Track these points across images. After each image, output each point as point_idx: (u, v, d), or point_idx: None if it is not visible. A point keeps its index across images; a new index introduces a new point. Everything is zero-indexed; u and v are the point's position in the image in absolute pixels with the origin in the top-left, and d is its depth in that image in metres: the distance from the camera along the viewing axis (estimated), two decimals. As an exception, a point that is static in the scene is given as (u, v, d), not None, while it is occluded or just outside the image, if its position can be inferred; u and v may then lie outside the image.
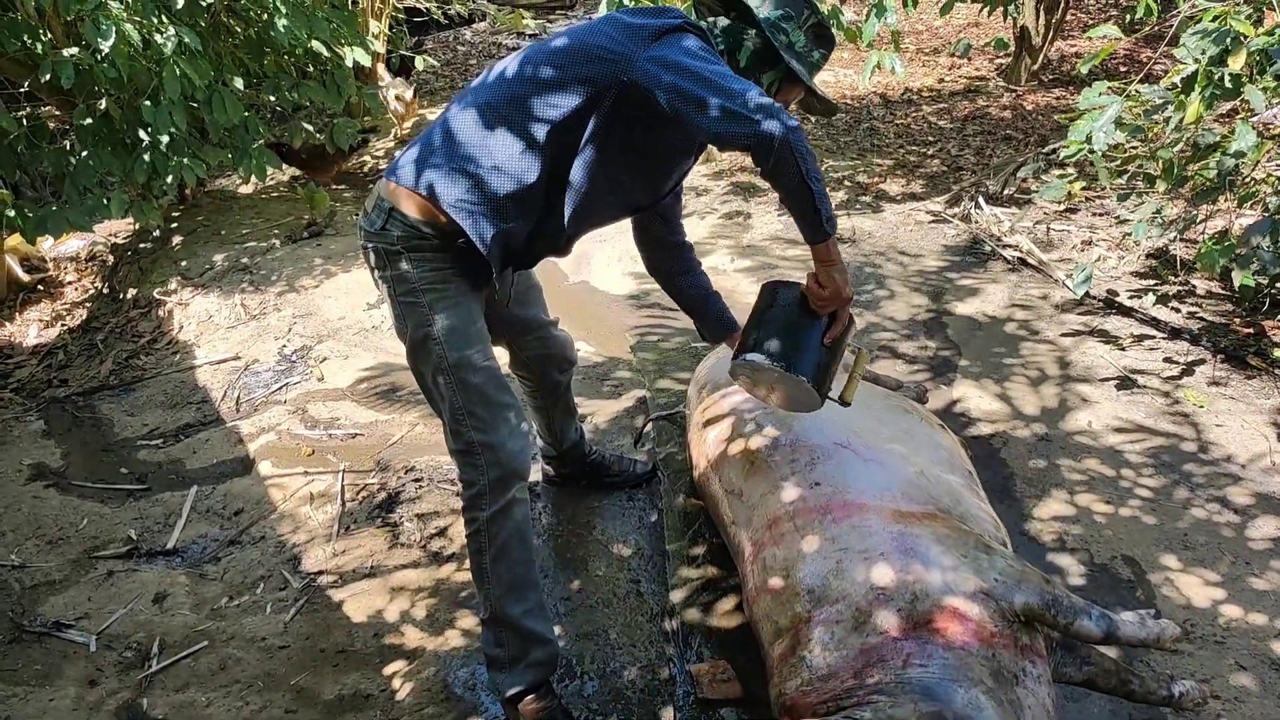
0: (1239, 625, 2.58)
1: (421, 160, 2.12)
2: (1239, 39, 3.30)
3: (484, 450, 2.19)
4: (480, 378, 2.18)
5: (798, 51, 2.15)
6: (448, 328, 2.15)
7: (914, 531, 2.04)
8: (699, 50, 1.96)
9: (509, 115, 2.05)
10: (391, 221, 2.12)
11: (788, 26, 2.13)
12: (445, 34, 10.93)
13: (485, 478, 2.21)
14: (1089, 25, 9.78)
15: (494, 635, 2.31)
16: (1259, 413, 3.48)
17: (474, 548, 2.27)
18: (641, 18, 2.02)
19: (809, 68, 2.18)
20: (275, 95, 4.84)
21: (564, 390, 2.88)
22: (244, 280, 4.68)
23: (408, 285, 2.14)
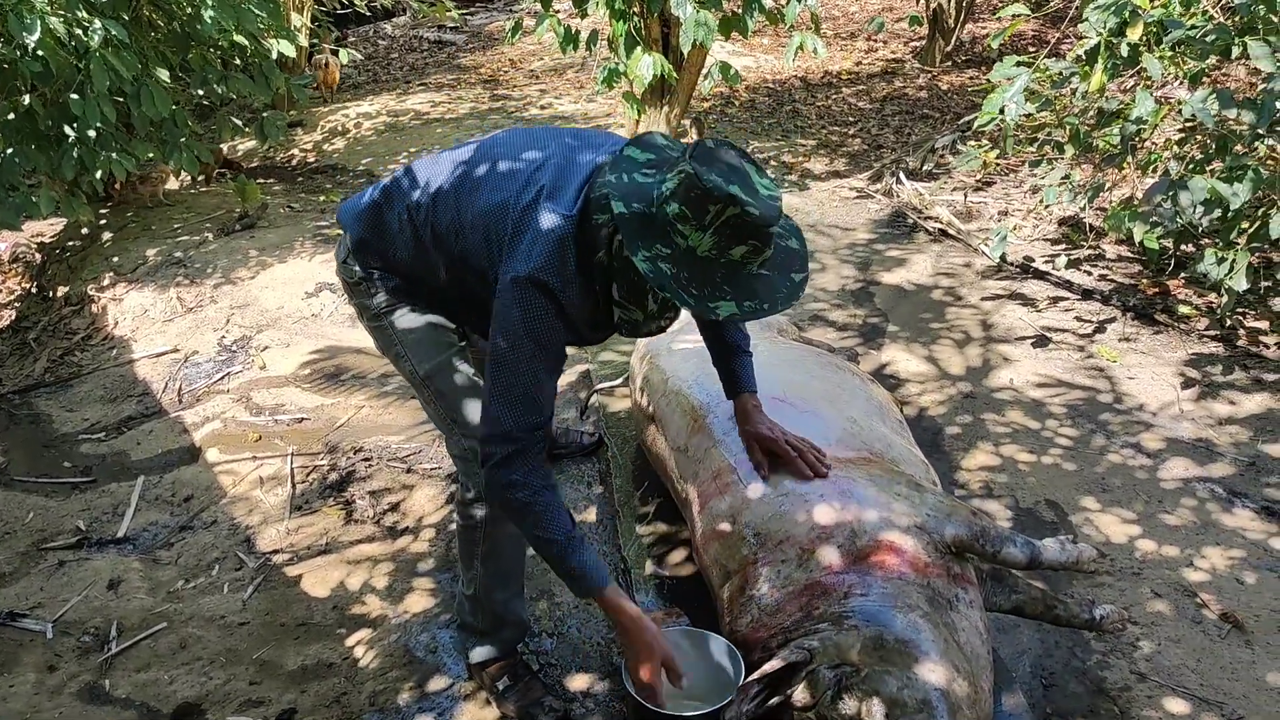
0: (1153, 557, 2.76)
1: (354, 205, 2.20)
2: (1137, 11, 3.49)
3: (475, 455, 2.08)
4: (457, 384, 2.16)
5: (702, 257, 1.73)
6: (412, 342, 2.17)
7: (850, 475, 2.17)
8: (530, 322, 1.84)
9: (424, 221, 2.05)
10: (350, 257, 2.18)
11: (684, 229, 1.72)
12: (366, 28, 10.89)
13: (481, 480, 2.10)
14: (998, 8, 10.08)
15: (470, 607, 2.37)
16: (1167, 365, 3.69)
17: (466, 539, 2.29)
18: (525, 235, 1.86)
19: (725, 272, 1.75)
20: (203, 88, 4.82)
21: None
22: (178, 274, 4.67)
23: (371, 312, 2.19)
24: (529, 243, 1.83)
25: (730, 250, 1.73)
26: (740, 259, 1.74)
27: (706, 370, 2.58)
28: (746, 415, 2.32)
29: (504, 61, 9.29)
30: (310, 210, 5.46)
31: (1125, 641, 2.47)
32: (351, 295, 2.24)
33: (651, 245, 1.73)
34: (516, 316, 1.83)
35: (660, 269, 1.72)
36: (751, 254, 1.74)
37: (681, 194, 1.71)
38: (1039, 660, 2.43)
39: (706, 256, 1.73)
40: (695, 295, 1.73)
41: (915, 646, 1.88)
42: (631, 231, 1.74)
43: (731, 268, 1.75)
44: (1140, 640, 2.48)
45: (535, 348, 1.85)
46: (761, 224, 1.70)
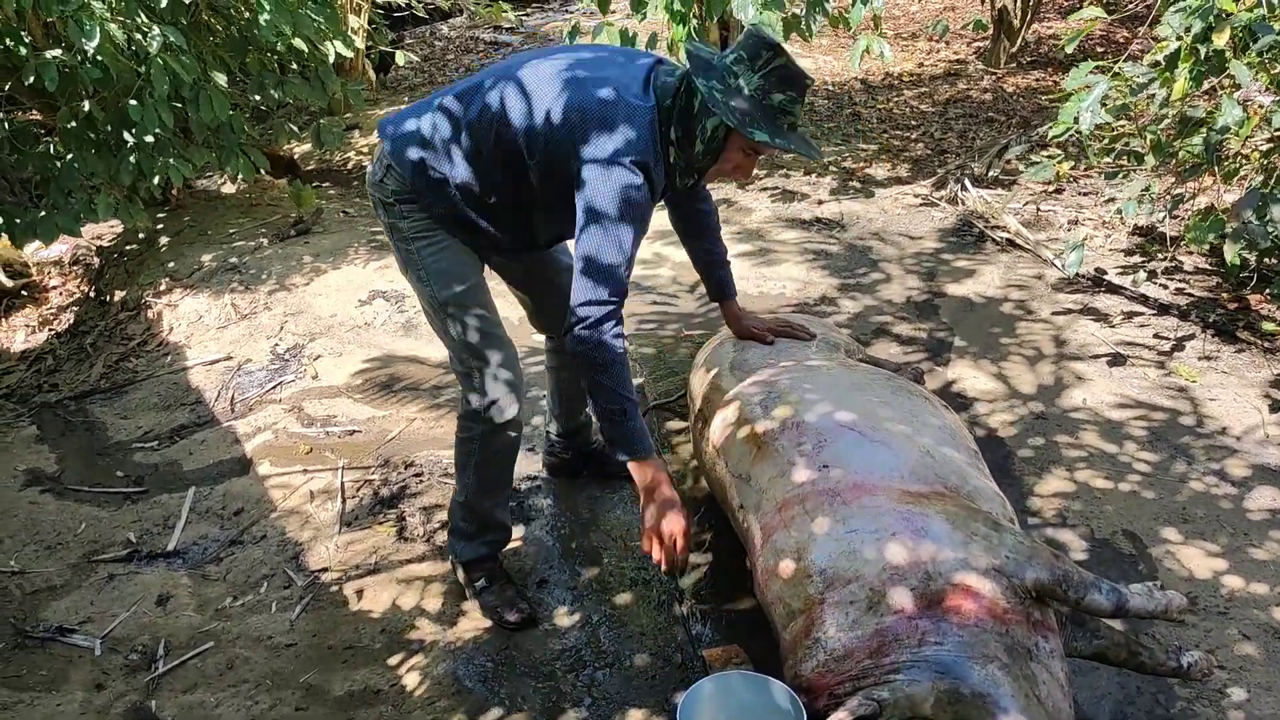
0: (1241, 595, 2.60)
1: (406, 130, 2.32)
2: (1222, 15, 3.32)
3: (480, 376, 2.43)
4: (471, 316, 2.39)
5: (748, 96, 2.09)
6: (437, 270, 2.36)
7: (924, 511, 2.05)
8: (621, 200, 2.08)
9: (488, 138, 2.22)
10: (389, 175, 2.33)
11: (738, 70, 2.10)
12: (423, 29, 10.89)
13: (480, 400, 2.45)
14: (1064, 7, 9.82)
15: (462, 513, 2.66)
16: (1250, 385, 3.51)
17: (462, 449, 2.57)
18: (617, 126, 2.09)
19: (763, 113, 2.10)
20: (260, 93, 4.80)
21: None
22: (233, 280, 4.66)
23: (400, 234, 2.37)
24: (623, 128, 2.08)
25: (771, 94, 2.10)
26: (778, 105, 2.11)
27: (773, 393, 2.48)
28: (735, 318, 2.80)
29: (560, 62, 9.22)
30: (365, 216, 5.42)
31: (1212, 688, 2.33)
32: (384, 213, 2.39)
33: (709, 78, 2.10)
34: (614, 192, 2.07)
35: (713, 94, 2.07)
36: (787, 104, 2.12)
37: (740, 44, 2.13)
38: (1119, 707, 2.30)
39: (752, 95, 2.09)
40: (737, 118, 2.07)
41: (993, 701, 1.77)
42: (698, 67, 2.10)
43: (769, 112, 2.11)
44: (1228, 686, 2.34)
45: (632, 219, 2.10)
46: (798, 76, 2.11)
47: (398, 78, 8.77)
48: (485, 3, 7.95)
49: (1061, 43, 3.93)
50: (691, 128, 2.16)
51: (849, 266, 4.54)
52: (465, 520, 2.67)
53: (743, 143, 2.18)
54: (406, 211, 2.34)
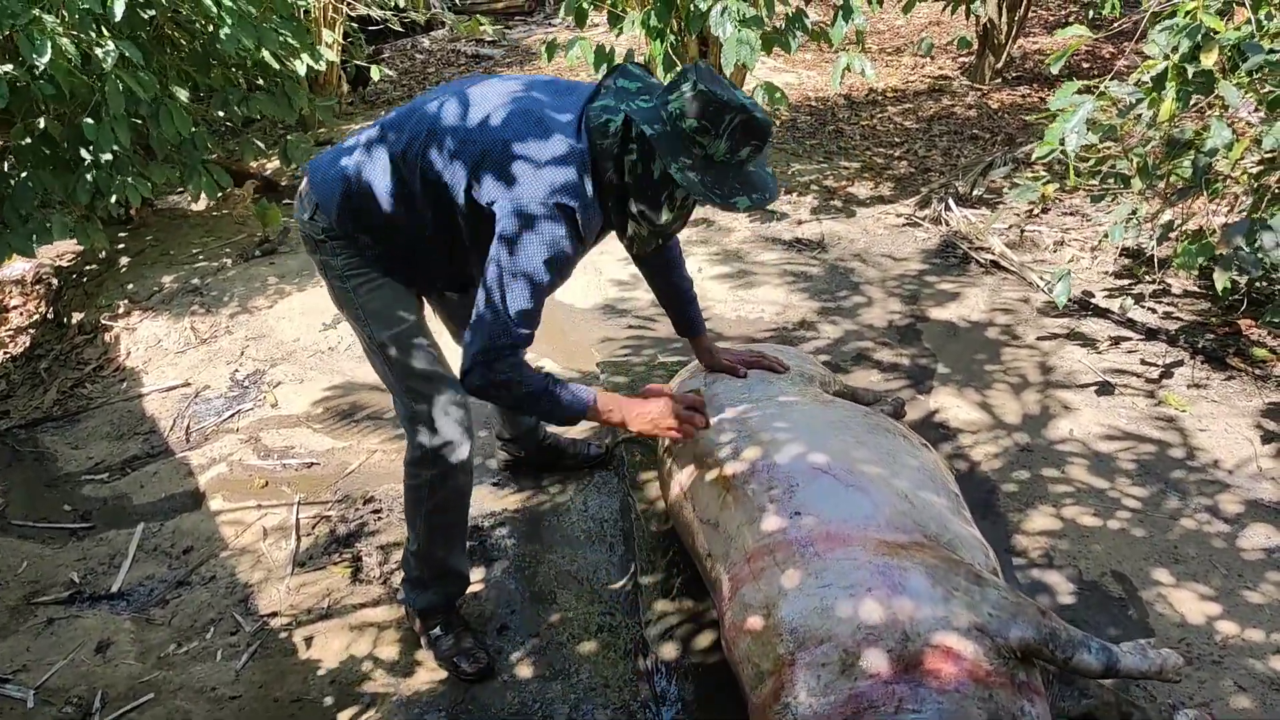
0: (1236, 643, 2.48)
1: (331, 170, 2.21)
2: (1210, 35, 3.22)
3: (424, 419, 2.30)
4: (411, 354, 2.29)
5: (719, 162, 1.96)
6: (373, 310, 2.27)
7: (901, 564, 1.92)
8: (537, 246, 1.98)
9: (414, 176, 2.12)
10: (318, 214, 2.23)
11: (703, 140, 1.94)
12: (403, 42, 10.75)
13: (429, 444, 2.32)
14: (1049, 22, 9.76)
15: (415, 562, 2.52)
16: (1242, 415, 3.40)
17: (411, 496, 2.43)
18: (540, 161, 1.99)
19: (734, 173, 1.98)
20: (224, 109, 4.66)
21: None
22: (194, 302, 4.50)
23: (334, 271, 2.27)
24: (549, 170, 1.96)
25: (739, 151, 1.97)
26: (746, 158, 1.99)
27: (742, 432, 2.35)
28: (706, 352, 2.70)
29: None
30: (334, 234, 5.28)
31: (1208, 745, 2.20)
32: (316, 251, 2.28)
33: (678, 158, 1.94)
34: (533, 237, 1.97)
35: (689, 177, 1.93)
36: (753, 153, 1.99)
37: (698, 110, 1.92)
38: (1111, 768, 2.16)
39: (723, 160, 1.97)
40: (720, 194, 1.95)
41: (976, 777, 1.64)
42: (665, 148, 1.94)
43: (739, 167, 1.99)
44: (1225, 743, 2.21)
45: (547, 267, 2.00)
46: (764, 126, 1.97)
47: (375, 92, 8.64)
48: (464, 19, 7.82)
49: (1048, 60, 3.82)
50: (657, 198, 2.05)
51: (830, 289, 4.42)
52: (419, 569, 2.53)
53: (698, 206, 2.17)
54: (338, 249, 2.24)
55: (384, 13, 6.89)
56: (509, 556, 2.89)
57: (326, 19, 6.72)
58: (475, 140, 2.03)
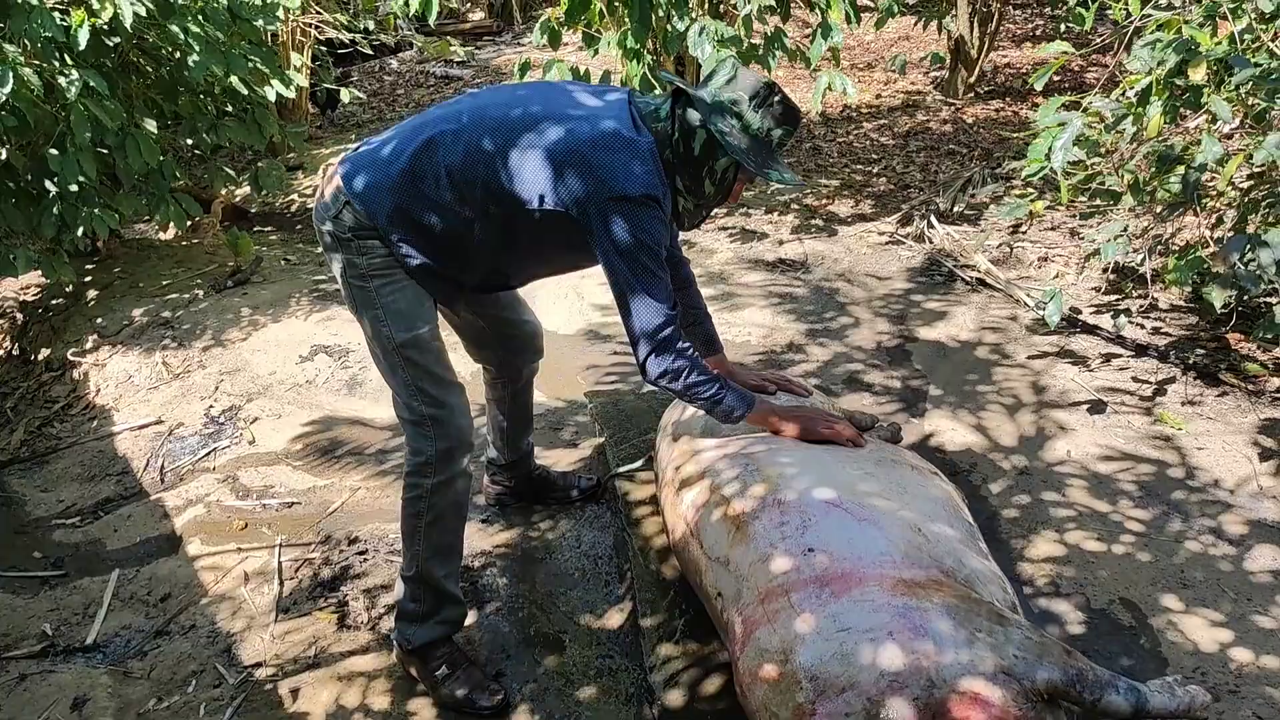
0: (1251, 671, 2.42)
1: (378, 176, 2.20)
2: (1196, 49, 3.19)
3: (434, 424, 2.32)
4: (428, 357, 2.31)
5: (752, 134, 2.17)
6: (396, 310, 2.27)
7: (921, 605, 1.85)
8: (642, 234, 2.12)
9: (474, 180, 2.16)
10: (346, 210, 2.21)
11: (740, 109, 2.15)
12: (370, 64, 10.65)
13: (434, 448, 2.33)
14: (1017, 36, 9.80)
15: (412, 591, 2.45)
16: (1238, 432, 3.36)
17: (410, 510, 2.40)
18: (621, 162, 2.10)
19: (768, 150, 2.20)
20: (192, 137, 4.55)
21: (526, 386, 2.91)
22: (165, 336, 4.37)
23: (357, 270, 2.25)
24: (625, 164, 2.09)
25: (774, 131, 2.18)
26: (778, 141, 2.21)
27: (749, 466, 2.28)
28: (729, 374, 2.63)
29: (511, 97, 9.02)
30: (308, 263, 5.16)
31: (1233, 780, 2.14)
32: (340, 250, 2.26)
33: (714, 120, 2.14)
34: (630, 231, 2.10)
35: (728, 140, 2.14)
36: (785, 136, 2.21)
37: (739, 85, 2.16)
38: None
39: (755, 134, 2.16)
40: (755, 162, 2.16)
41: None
42: (708, 109, 2.15)
43: (773, 149, 2.21)
44: (1249, 777, 2.15)
45: (652, 252, 2.13)
46: (795, 111, 2.22)
47: (344, 114, 8.53)
48: (432, 40, 7.74)
49: (1031, 78, 3.80)
50: (698, 170, 2.22)
51: (816, 310, 4.36)
52: (416, 599, 2.46)
53: (745, 177, 2.27)
54: (366, 247, 2.23)
55: (353, 35, 6.79)
56: (501, 597, 2.79)
57: (294, 42, 6.62)
58: (548, 145, 2.11)
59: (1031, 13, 10.91)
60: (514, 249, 2.27)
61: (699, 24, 4.32)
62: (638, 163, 2.10)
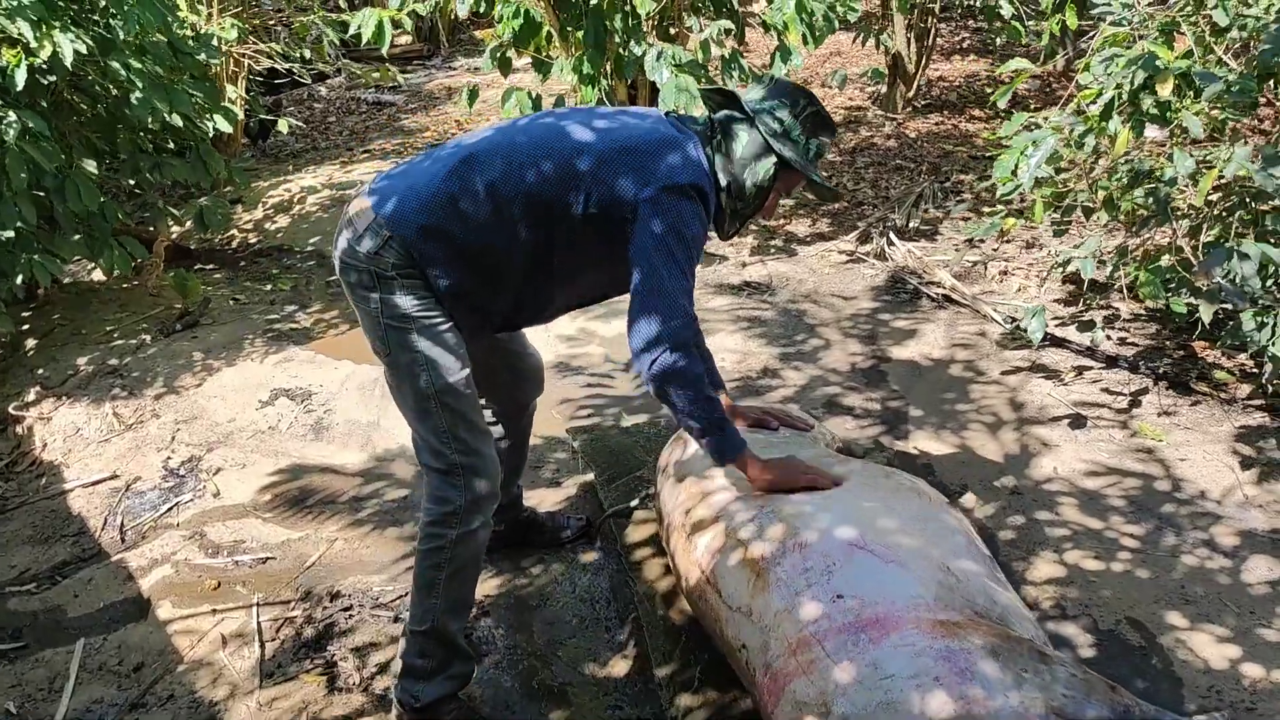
0: (1265, 686, 2.42)
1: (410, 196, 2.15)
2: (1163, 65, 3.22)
3: (466, 472, 2.24)
4: (465, 403, 2.24)
5: (793, 139, 2.21)
6: (434, 356, 2.19)
7: (963, 646, 1.80)
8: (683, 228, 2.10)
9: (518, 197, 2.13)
10: (388, 247, 2.12)
11: (781, 114, 2.19)
12: (299, 91, 10.44)
13: (462, 498, 2.25)
14: (945, 49, 9.95)
15: (420, 646, 2.35)
16: (1217, 441, 3.39)
17: (430, 562, 2.30)
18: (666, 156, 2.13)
19: (805, 154, 2.24)
20: (134, 177, 4.37)
21: (528, 422, 2.86)
22: (114, 385, 4.17)
23: (398, 311, 2.16)
24: (676, 155, 2.12)
25: (812, 139, 2.23)
26: (816, 149, 2.25)
27: (764, 507, 2.21)
28: (731, 411, 2.61)
29: (450, 122, 8.91)
30: (258, 302, 4.99)
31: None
32: (380, 290, 2.16)
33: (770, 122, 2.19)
34: (675, 217, 2.09)
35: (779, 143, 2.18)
36: (824, 148, 2.26)
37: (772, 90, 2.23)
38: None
39: (797, 140, 2.20)
40: (802, 162, 2.21)
41: None
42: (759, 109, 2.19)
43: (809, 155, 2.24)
44: (1278, 798, 2.13)
45: (688, 246, 2.11)
46: (830, 120, 2.26)
47: (277, 144, 8.34)
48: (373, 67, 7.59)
49: (993, 96, 3.81)
50: (739, 173, 2.22)
51: (786, 333, 4.33)
52: (425, 655, 2.35)
53: (782, 185, 2.28)
54: (410, 287, 2.15)
55: (290, 65, 6.62)
56: (499, 649, 2.69)
57: (229, 73, 6.43)
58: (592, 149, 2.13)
59: (957, 25, 11.11)
60: (549, 268, 2.23)
61: (656, 48, 4.27)
62: (682, 155, 2.13)
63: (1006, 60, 3.83)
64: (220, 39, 5.33)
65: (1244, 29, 3.42)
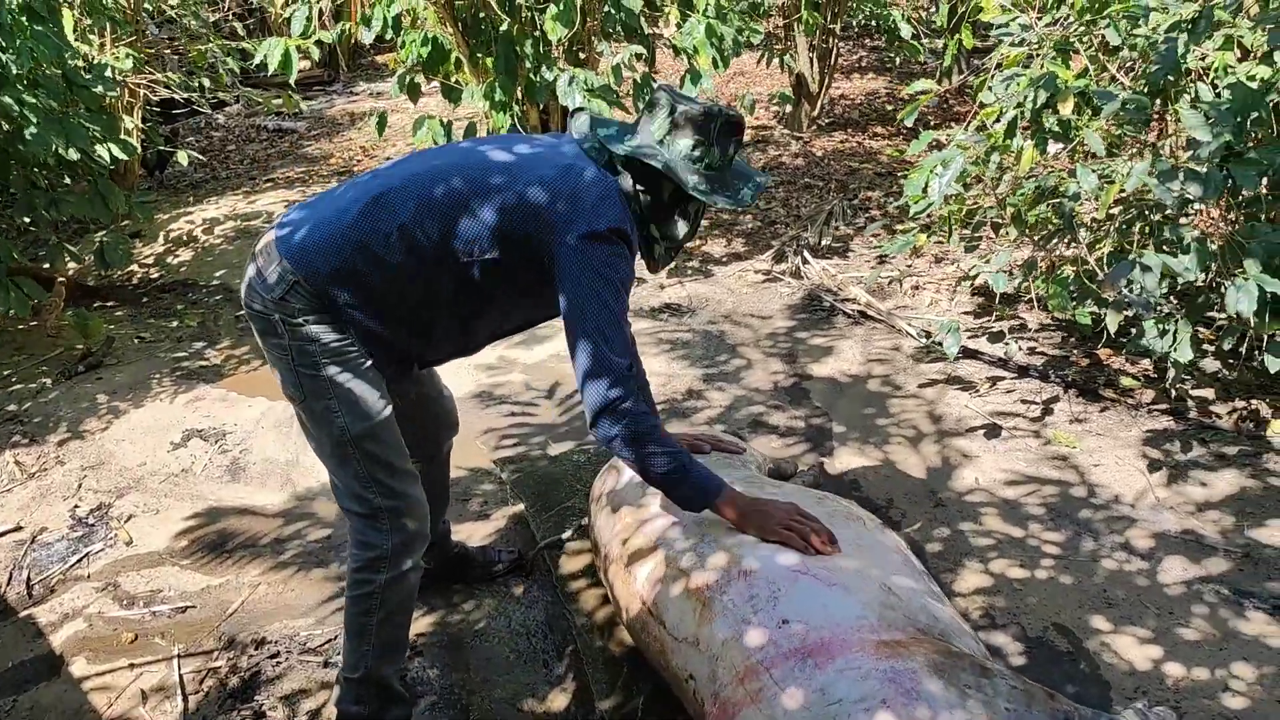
0: (1187, 684, 2.50)
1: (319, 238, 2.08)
2: (1064, 85, 3.34)
3: (390, 515, 2.21)
4: (385, 446, 2.19)
5: (715, 167, 2.13)
6: (351, 400, 2.13)
7: (907, 666, 1.82)
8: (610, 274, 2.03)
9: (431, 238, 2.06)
10: (294, 292, 2.07)
11: (699, 152, 2.11)
12: (196, 120, 10.18)
13: (389, 542, 2.22)
14: (845, 68, 10.16)
15: (355, 693, 2.32)
16: (1127, 446, 3.51)
17: (359, 609, 2.27)
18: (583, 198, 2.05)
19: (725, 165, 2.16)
20: (30, 214, 4.20)
21: (445, 461, 2.81)
22: (14, 431, 3.99)
23: (309, 354, 2.10)
24: (596, 202, 2.03)
25: (728, 151, 2.15)
26: (734, 154, 2.18)
27: (705, 535, 2.20)
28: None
29: (355, 149, 8.78)
30: (164, 340, 4.83)
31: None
32: (287, 335, 2.10)
33: (689, 177, 2.08)
34: (601, 264, 2.01)
35: (703, 190, 2.08)
36: (737, 146, 2.17)
37: (687, 129, 2.11)
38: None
39: (719, 165, 2.13)
40: (730, 196, 2.12)
41: None
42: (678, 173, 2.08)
43: (731, 164, 2.17)
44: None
45: (618, 291, 2.05)
46: (740, 119, 2.15)
47: (175, 175, 8.12)
48: (273, 94, 7.44)
49: (900, 115, 3.90)
50: (670, 215, 2.17)
51: (708, 355, 4.35)
52: (360, 701, 2.32)
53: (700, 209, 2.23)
54: (318, 331, 2.09)
55: (188, 94, 6.45)
56: (435, 690, 2.63)
57: (124, 103, 6.24)
58: (508, 186, 2.05)
59: (855, 44, 11.36)
60: (471, 306, 2.16)
61: (568, 74, 4.28)
62: (603, 198, 2.05)
63: (905, 78, 3.93)
64: (115, 69, 5.17)
65: (1134, 48, 3.56)
